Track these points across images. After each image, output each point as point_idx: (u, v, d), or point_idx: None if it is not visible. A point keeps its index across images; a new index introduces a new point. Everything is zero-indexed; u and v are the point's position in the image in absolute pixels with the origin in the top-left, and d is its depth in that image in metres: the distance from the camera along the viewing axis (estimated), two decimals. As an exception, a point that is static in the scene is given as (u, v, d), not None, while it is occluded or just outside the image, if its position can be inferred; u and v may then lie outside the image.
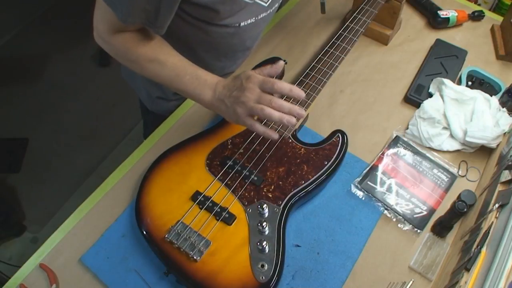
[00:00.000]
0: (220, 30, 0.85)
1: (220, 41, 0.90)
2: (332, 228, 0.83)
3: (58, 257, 0.81)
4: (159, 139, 0.96)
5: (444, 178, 0.89)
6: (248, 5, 0.81)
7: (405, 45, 1.14)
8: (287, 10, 1.22)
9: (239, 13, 0.81)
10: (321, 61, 0.96)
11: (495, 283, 0.59)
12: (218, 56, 0.96)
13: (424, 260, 0.80)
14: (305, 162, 0.84)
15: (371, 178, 0.88)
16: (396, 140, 0.94)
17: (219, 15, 0.79)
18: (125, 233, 0.82)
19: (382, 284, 0.78)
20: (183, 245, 0.73)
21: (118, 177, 0.90)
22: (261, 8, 0.85)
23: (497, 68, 1.09)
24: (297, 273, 0.78)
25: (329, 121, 0.99)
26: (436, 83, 1.00)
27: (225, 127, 0.89)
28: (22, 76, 2.37)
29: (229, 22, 0.82)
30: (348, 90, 1.04)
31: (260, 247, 0.73)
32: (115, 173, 0.91)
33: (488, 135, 0.89)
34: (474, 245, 0.70)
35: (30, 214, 1.90)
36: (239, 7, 0.80)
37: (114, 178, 0.90)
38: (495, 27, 1.15)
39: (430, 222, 0.84)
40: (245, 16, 0.83)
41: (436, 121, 0.93)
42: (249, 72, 0.71)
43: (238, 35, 0.89)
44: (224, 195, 0.80)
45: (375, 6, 1.02)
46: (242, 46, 0.96)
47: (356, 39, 0.98)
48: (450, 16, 1.14)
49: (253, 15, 0.85)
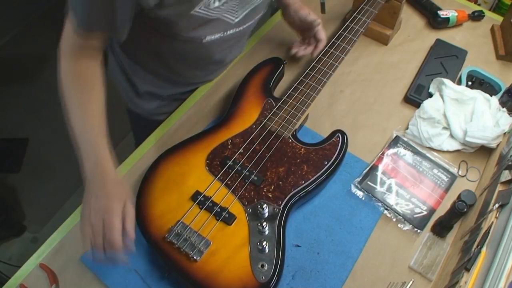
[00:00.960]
0: (183, 44, 0.84)
1: (185, 54, 0.89)
2: (332, 228, 0.83)
3: (58, 257, 0.81)
4: (159, 139, 0.96)
5: (444, 178, 0.89)
6: (211, 21, 0.79)
7: (405, 45, 1.14)
8: (287, 10, 1.22)
9: (201, 28, 0.80)
10: (321, 61, 0.96)
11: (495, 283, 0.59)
12: (188, 67, 0.96)
13: (424, 260, 0.80)
14: (305, 162, 0.84)
15: (371, 178, 0.88)
16: (396, 140, 0.94)
17: (178, 29, 0.78)
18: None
19: (382, 284, 0.78)
20: (183, 245, 0.73)
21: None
22: (228, 24, 0.84)
23: (497, 68, 1.09)
24: (297, 273, 0.78)
25: (329, 121, 0.99)
26: (436, 83, 1.00)
27: (225, 127, 0.89)
28: (22, 76, 2.37)
29: (191, 36, 0.81)
30: (348, 90, 1.04)
31: (260, 247, 0.73)
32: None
33: (488, 135, 0.89)
34: (474, 245, 0.70)
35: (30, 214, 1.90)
36: (199, 22, 0.78)
37: (114, 178, 0.90)
38: (495, 27, 1.15)
39: (430, 222, 0.84)
40: (209, 31, 0.82)
41: (436, 121, 0.93)
42: (113, 206, 0.67)
43: (204, 49, 0.87)
44: (224, 195, 0.80)
45: (375, 6, 1.02)
46: (211, 59, 0.94)
47: (356, 39, 0.98)
48: (450, 16, 1.14)
49: (218, 31, 0.83)
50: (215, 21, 0.80)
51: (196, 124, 0.98)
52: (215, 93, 1.03)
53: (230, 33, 0.86)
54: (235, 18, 0.84)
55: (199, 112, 1.00)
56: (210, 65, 0.98)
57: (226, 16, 0.81)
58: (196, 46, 0.85)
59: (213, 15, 0.78)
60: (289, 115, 0.89)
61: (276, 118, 0.89)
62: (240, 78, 0.99)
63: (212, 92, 1.04)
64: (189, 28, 0.79)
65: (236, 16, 0.84)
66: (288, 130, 0.87)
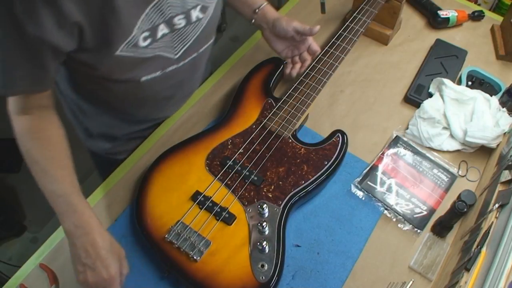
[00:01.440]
0: (119, 86, 0.79)
1: (127, 95, 0.84)
2: (332, 228, 0.83)
3: (58, 257, 0.81)
4: (159, 139, 0.96)
5: (444, 178, 0.89)
6: (146, 60, 0.75)
7: (405, 45, 1.14)
8: (287, 10, 1.22)
9: (136, 68, 0.75)
10: (321, 61, 0.96)
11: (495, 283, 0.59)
12: (136, 106, 0.90)
13: (424, 260, 0.80)
14: (305, 162, 0.84)
15: (371, 178, 0.88)
16: (396, 140, 0.94)
17: (107, 72, 0.74)
18: (125, 233, 0.82)
19: (382, 284, 0.78)
20: (183, 245, 0.73)
21: (118, 177, 0.90)
22: (167, 61, 0.79)
23: (497, 68, 1.09)
24: (297, 273, 0.78)
25: (329, 121, 0.99)
26: (436, 83, 1.00)
27: (225, 127, 0.89)
28: (22, 76, 2.37)
29: (125, 78, 0.76)
30: (348, 90, 1.04)
31: (260, 247, 0.73)
32: (115, 173, 0.91)
33: (488, 135, 0.89)
34: (474, 245, 0.70)
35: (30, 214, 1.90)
36: (131, 63, 0.73)
37: (114, 178, 0.90)
38: (495, 27, 1.15)
39: (430, 222, 0.84)
40: (144, 71, 0.77)
41: (436, 121, 0.93)
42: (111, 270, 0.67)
43: (144, 89, 0.82)
44: (224, 195, 0.80)
45: (375, 6, 1.02)
46: (157, 97, 0.88)
47: (356, 39, 0.98)
48: (450, 16, 1.14)
49: (156, 69, 0.79)
50: (150, 60, 0.75)
51: (196, 124, 0.98)
52: (215, 93, 1.03)
53: (172, 70, 0.81)
54: (175, 54, 0.79)
55: (199, 112, 1.00)
56: (160, 102, 0.91)
57: (163, 53, 0.77)
58: (135, 86, 0.80)
59: (147, 54, 0.74)
60: (289, 115, 0.89)
61: (276, 118, 0.89)
62: (240, 78, 0.99)
63: (212, 92, 1.04)
64: (120, 70, 0.74)
65: (176, 52, 0.79)
66: (288, 130, 0.87)
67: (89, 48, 0.67)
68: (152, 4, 0.69)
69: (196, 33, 0.80)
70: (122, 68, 0.74)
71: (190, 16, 0.76)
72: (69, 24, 0.62)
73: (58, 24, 0.61)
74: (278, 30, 0.93)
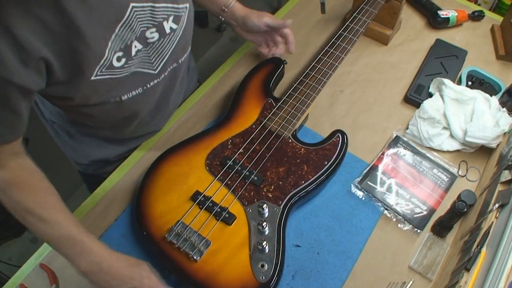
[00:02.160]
0: (100, 109, 0.75)
1: (111, 116, 0.80)
2: (332, 228, 0.83)
3: (58, 257, 0.80)
4: (159, 139, 0.96)
5: (444, 178, 0.89)
6: (125, 79, 0.71)
7: (405, 45, 1.14)
8: (287, 10, 1.22)
9: (115, 89, 0.72)
10: (321, 61, 0.96)
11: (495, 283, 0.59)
12: (122, 126, 0.87)
13: (424, 260, 0.80)
14: (305, 162, 0.84)
15: (371, 178, 0.88)
16: (396, 140, 0.94)
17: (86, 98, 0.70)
18: (125, 233, 0.82)
19: (382, 284, 0.78)
20: (183, 245, 0.73)
21: (118, 177, 0.90)
22: (148, 76, 0.76)
23: (497, 68, 1.09)
24: (297, 273, 0.78)
25: (329, 121, 0.99)
26: (436, 83, 1.00)
27: (225, 127, 0.89)
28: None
29: (105, 99, 0.72)
30: (348, 90, 1.04)
31: (260, 247, 0.73)
32: (115, 173, 0.91)
33: (488, 135, 0.89)
34: (474, 245, 0.70)
35: (30, 214, 1.90)
36: (109, 84, 0.70)
37: (114, 178, 0.90)
38: (495, 27, 1.15)
39: (430, 222, 0.84)
40: (124, 90, 0.74)
41: (436, 121, 0.93)
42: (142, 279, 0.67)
43: (128, 106, 0.78)
44: (224, 195, 0.80)
45: (375, 6, 1.02)
46: (142, 113, 0.85)
47: (356, 39, 0.98)
48: (450, 16, 1.14)
49: (137, 86, 0.76)
50: (129, 78, 0.72)
51: (196, 124, 0.98)
52: (215, 93, 1.03)
53: (153, 84, 0.79)
54: (154, 70, 0.76)
55: (199, 112, 1.00)
56: (145, 118, 0.87)
57: (142, 69, 0.74)
58: (117, 107, 0.76)
59: (124, 73, 0.70)
60: (289, 115, 0.89)
61: (276, 118, 0.89)
62: (240, 78, 0.99)
63: (212, 92, 1.04)
64: (98, 94, 0.70)
65: (155, 67, 0.76)
66: (288, 130, 0.87)
67: (60, 80, 0.64)
68: (121, 23, 0.65)
69: (172, 45, 0.77)
70: (100, 92, 0.70)
71: (163, 28, 0.72)
72: (34, 61, 0.59)
73: (22, 63, 0.58)
74: (250, 27, 0.95)
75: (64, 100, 0.70)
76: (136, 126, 0.88)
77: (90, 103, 0.72)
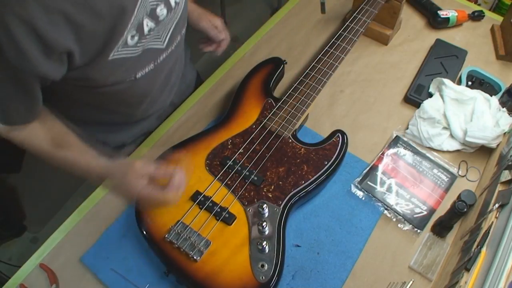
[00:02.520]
0: (117, 89, 0.77)
1: (125, 96, 0.83)
2: (332, 228, 0.83)
3: (58, 257, 0.81)
4: (159, 139, 0.96)
5: (444, 178, 0.89)
6: (139, 56, 0.74)
7: (405, 45, 1.14)
8: (287, 10, 1.22)
9: (130, 67, 0.75)
10: (321, 61, 0.96)
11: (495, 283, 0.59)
12: (133, 105, 0.89)
13: (424, 260, 0.80)
14: (305, 162, 0.84)
15: (371, 178, 0.88)
16: (396, 140, 0.94)
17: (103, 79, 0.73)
18: (125, 233, 0.82)
19: (382, 284, 0.78)
20: (183, 245, 0.73)
21: (118, 177, 0.90)
22: (158, 51, 0.79)
23: (497, 68, 1.09)
24: (297, 273, 0.78)
25: (329, 121, 0.99)
26: (436, 83, 1.00)
27: (225, 127, 0.89)
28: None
29: (122, 78, 0.76)
30: (348, 90, 1.04)
31: (260, 247, 0.73)
32: (115, 173, 0.91)
33: (488, 135, 0.89)
34: (474, 245, 0.70)
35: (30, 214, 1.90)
36: (125, 63, 0.73)
37: (114, 178, 0.90)
38: (495, 27, 1.15)
39: (430, 222, 0.84)
40: (139, 67, 0.77)
41: (436, 121, 0.93)
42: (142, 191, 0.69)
43: (142, 84, 0.81)
44: (224, 195, 0.80)
45: (375, 6, 1.02)
46: (153, 89, 0.87)
47: (356, 39, 0.98)
48: (450, 16, 1.14)
49: (149, 62, 0.78)
50: (142, 55, 0.75)
51: (196, 124, 0.98)
52: (215, 93, 1.03)
53: (163, 59, 0.81)
54: (163, 43, 0.79)
55: (199, 112, 1.00)
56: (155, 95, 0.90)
57: (153, 45, 0.76)
58: (131, 85, 0.79)
59: (137, 51, 0.73)
60: (289, 115, 0.89)
61: (276, 118, 0.89)
62: (240, 78, 0.99)
63: (212, 92, 1.04)
64: (115, 73, 0.73)
65: (163, 40, 0.79)
66: (288, 130, 0.87)
67: (80, 65, 0.67)
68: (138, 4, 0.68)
69: (177, 18, 0.79)
70: (117, 71, 0.73)
71: (169, 3, 0.75)
72: (57, 54, 0.62)
73: (45, 56, 0.61)
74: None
75: (82, 81, 0.72)
76: (147, 104, 0.91)
77: (108, 83, 0.75)
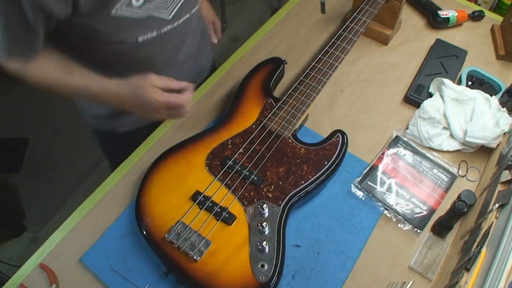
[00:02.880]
0: (118, 48, 0.81)
1: (127, 58, 0.85)
2: (332, 228, 0.83)
3: (58, 257, 0.81)
4: (159, 139, 0.96)
5: (444, 178, 0.89)
6: (141, 21, 0.77)
7: (405, 45, 1.14)
8: (287, 10, 1.22)
9: (130, 29, 0.78)
10: (321, 61, 0.96)
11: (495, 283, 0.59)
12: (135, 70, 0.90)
13: (424, 260, 0.80)
14: (305, 162, 0.84)
15: (371, 178, 0.88)
16: (396, 140, 0.94)
17: (105, 33, 0.76)
18: (125, 233, 0.82)
19: (382, 284, 0.78)
20: (183, 245, 0.73)
21: (118, 177, 0.90)
22: (162, 22, 0.81)
23: (497, 68, 1.09)
24: (297, 273, 0.78)
25: (329, 121, 0.99)
26: (436, 83, 1.00)
27: (225, 127, 0.89)
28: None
29: (121, 38, 0.78)
30: (348, 90, 1.04)
31: (260, 247, 0.73)
32: (115, 173, 0.91)
33: (488, 135, 0.89)
34: (474, 245, 0.70)
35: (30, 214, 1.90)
36: (126, 23, 0.75)
37: (114, 178, 0.90)
38: (495, 27, 1.15)
39: (430, 222, 0.84)
40: (140, 31, 0.79)
41: (436, 121, 0.93)
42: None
43: (144, 49, 0.83)
44: (224, 195, 0.80)
45: (375, 6, 1.02)
46: (156, 59, 0.89)
47: (356, 39, 0.98)
48: (450, 16, 1.14)
49: (152, 29, 0.81)
50: (145, 20, 0.77)
51: (196, 124, 0.98)
52: (215, 93, 1.03)
53: (167, 31, 0.83)
54: (169, 15, 0.81)
55: (199, 112, 1.00)
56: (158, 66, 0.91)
57: (158, 14, 0.79)
58: (133, 48, 0.82)
59: (141, 14, 0.76)
60: (289, 115, 0.89)
61: (276, 118, 0.89)
62: (240, 78, 0.99)
63: (212, 92, 1.04)
64: (117, 30, 0.76)
65: (169, 12, 0.81)
66: (288, 130, 0.87)
67: (85, 11, 0.70)
68: None
69: None
70: (119, 29, 0.76)
71: None
72: None
73: None
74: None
75: (89, 31, 0.75)
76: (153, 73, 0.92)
77: (110, 40, 0.78)
